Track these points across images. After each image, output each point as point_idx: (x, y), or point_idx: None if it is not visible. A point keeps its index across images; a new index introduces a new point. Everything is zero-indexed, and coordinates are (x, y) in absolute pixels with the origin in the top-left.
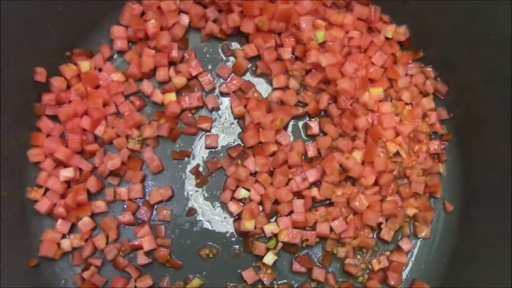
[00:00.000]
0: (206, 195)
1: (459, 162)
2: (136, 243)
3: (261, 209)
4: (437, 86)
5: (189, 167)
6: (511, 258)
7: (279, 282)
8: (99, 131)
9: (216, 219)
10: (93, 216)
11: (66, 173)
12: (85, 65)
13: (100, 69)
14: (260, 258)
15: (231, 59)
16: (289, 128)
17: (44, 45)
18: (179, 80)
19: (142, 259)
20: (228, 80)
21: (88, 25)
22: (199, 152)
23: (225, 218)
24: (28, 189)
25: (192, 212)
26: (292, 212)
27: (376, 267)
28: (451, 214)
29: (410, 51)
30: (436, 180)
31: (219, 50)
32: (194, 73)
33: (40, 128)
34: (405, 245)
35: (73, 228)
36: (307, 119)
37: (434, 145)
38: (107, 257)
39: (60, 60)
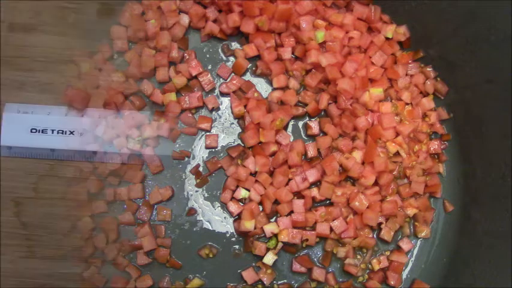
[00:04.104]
0: (206, 195)
1: (459, 162)
2: (136, 243)
3: (261, 209)
4: (437, 86)
5: (189, 167)
6: (511, 258)
7: (279, 282)
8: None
9: (216, 219)
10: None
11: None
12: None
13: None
14: (260, 258)
15: (231, 59)
16: (289, 128)
17: None
18: (179, 80)
19: (142, 259)
20: (228, 80)
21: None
22: (199, 152)
23: (225, 218)
24: None
25: (192, 212)
26: (292, 212)
27: (376, 267)
28: (451, 214)
29: (410, 51)
30: (436, 180)
31: (219, 50)
32: (194, 73)
33: None
34: (405, 245)
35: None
36: (307, 119)
37: (434, 145)
38: (107, 257)
39: None
